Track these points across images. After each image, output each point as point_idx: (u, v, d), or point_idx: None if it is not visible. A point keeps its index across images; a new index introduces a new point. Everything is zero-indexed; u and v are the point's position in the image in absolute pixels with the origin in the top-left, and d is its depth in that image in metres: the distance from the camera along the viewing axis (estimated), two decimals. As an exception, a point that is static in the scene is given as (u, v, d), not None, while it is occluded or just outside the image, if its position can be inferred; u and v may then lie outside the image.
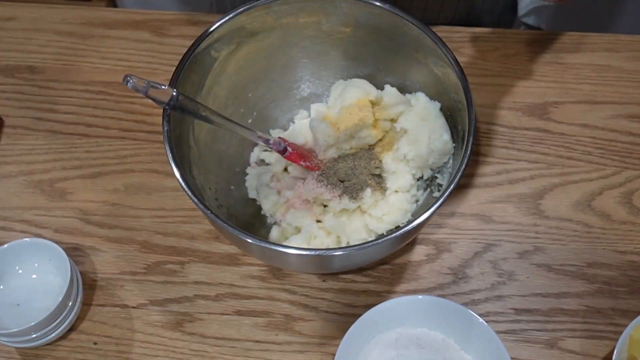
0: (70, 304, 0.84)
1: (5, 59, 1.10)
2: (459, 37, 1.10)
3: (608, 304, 0.90)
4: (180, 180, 0.77)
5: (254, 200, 0.93)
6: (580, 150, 1.01)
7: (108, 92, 1.06)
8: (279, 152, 0.88)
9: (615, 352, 0.79)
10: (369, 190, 0.89)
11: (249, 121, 0.96)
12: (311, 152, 0.92)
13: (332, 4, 0.87)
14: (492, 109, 1.04)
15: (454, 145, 0.87)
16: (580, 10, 1.63)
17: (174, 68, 0.82)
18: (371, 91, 0.92)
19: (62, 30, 1.12)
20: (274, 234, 0.90)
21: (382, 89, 0.93)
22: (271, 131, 0.98)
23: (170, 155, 0.78)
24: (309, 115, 0.96)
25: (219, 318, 0.89)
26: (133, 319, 0.89)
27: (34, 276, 0.88)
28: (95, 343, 0.88)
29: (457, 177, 0.77)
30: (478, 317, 0.82)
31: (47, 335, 0.84)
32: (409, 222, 0.76)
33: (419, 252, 0.94)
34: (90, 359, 0.87)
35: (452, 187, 0.76)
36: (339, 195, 0.89)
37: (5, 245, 0.86)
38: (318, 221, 0.88)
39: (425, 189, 0.91)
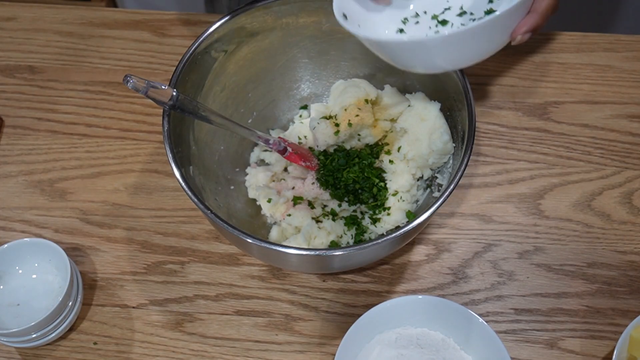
0: (70, 304, 0.84)
1: (5, 59, 1.10)
2: (459, 37, 1.10)
3: (608, 304, 0.90)
4: (180, 180, 0.77)
5: (254, 200, 0.93)
6: (580, 150, 1.01)
7: (108, 92, 1.07)
8: (279, 152, 0.88)
9: (615, 352, 0.79)
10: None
11: (249, 121, 0.96)
12: (311, 152, 0.92)
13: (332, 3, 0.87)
14: (492, 109, 1.04)
15: (454, 145, 0.87)
16: (580, 10, 1.63)
17: (174, 68, 0.82)
18: (371, 91, 0.92)
19: (62, 30, 1.12)
20: (274, 234, 0.90)
21: (382, 89, 0.93)
22: (271, 131, 0.98)
23: (170, 155, 0.78)
24: (309, 115, 0.96)
25: (219, 318, 0.89)
26: (133, 319, 0.89)
27: (34, 276, 0.88)
28: (95, 343, 0.88)
29: (457, 177, 0.77)
30: (478, 317, 0.82)
31: (47, 335, 0.84)
32: (409, 222, 0.76)
33: (419, 252, 0.94)
34: (90, 359, 0.87)
35: (452, 187, 0.76)
36: (339, 195, 0.89)
37: (5, 245, 0.86)
38: (318, 221, 0.89)
39: (425, 189, 0.91)
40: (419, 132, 0.88)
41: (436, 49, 0.70)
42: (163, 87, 0.73)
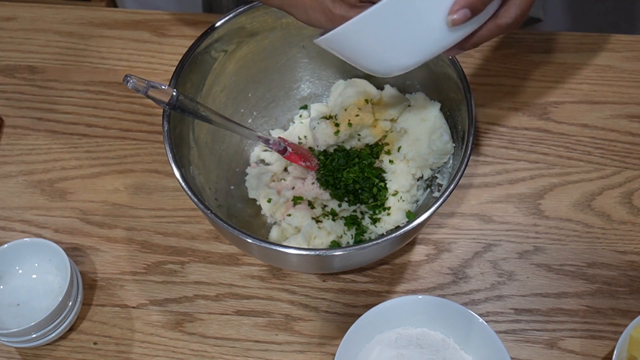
0: (70, 304, 0.84)
1: (5, 59, 1.10)
2: (459, 37, 1.10)
3: (608, 304, 0.90)
4: (180, 180, 0.77)
5: (254, 200, 0.93)
6: (580, 150, 1.01)
7: (108, 92, 1.07)
8: (279, 152, 0.88)
9: (615, 352, 0.79)
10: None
11: (249, 121, 0.96)
12: (311, 152, 0.92)
13: (332, 4, 0.87)
14: (492, 109, 1.04)
15: (454, 145, 0.87)
16: (583, 10, 1.63)
17: (174, 68, 0.82)
18: (371, 91, 0.92)
19: (62, 30, 1.12)
20: (274, 234, 0.90)
21: (382, 89, 0.93)
22: (271, 131, 0.98)
23: (170, 155, 0.78)
24: (309, 115, 0.96)
25: (219, 318, 0.89)
26: (133, 319, 0.89)
27: (34, 276, 0.88)
28: (95, 343, 0.88)
29: (457, 177, 0.77)
30: (478, 317, 0.82)
31: (47, 335, 0.84)
32: (409, 222, 0.77)
33: (419, 252, 0.94)
34: (90, 359, 0.87)
35: (452, 187, 0.76)
36: (339, 195, 0.89)
37: (5, 245, 0.86)
38: (318, 221, 0.89)
39: (425, 189, 0.91)
40: (419, 132, 0.88)
41: (367, 31, 0.66)
42: (163, 87, 0.73)
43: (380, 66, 0.71)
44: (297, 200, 0.90)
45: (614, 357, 0.79)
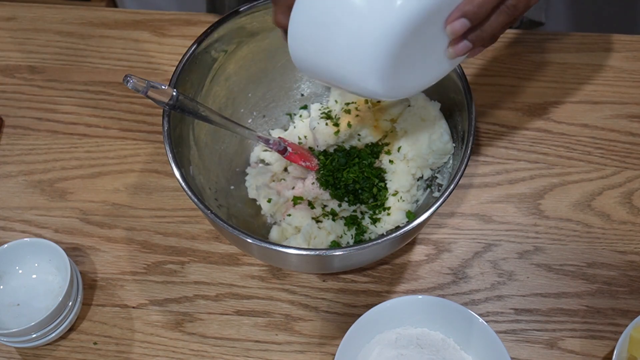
0: (70, 304, 0.84)
1: (5, 59, 1.10)
2: (459, 37, 1.10)
3: (608, 304, 0.90)
4: (180, 180, 0.77)
5: (254, 200, 0.93)
6: (580, 150, 1.01)
7: (108, 92, 1.07)
8: (279, 152, 0.88)
9: (615, 352, 0.79)
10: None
11: (249, 121, 0.96)
12: (311, 152, 0.92)
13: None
14: (492, 109, 1.04)
15: (454, 145, 0.87)
16: (585, 13, 1.63)
17: (174, 68, 0.82)
18: (371, 91, 0.92)
19: (62, 30, 1.12)
20: (274, 234, 0.90)
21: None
22: (271, 131, 0.98)
23: (170, 155, 0.78)
24: (309, 115, 0.96)
25: (219, 318, 0.89)
26: (133, 319, 0.89)
27: (34, 276, 0.88)
28: (95, 343, 0.88)
29: (457, 177, 0.77)
30: (478, 317, 0.82)
31: (47, 335, 0.84)
32: (409, 222, 0.77)
33: (419, 252, 0.94)
34: (90, 359, 0.87)
35: (452, 187, 0.76)
36: (339, 195, 0.89)
37: (5, 245, 0.86)
38: (318, 221, 0.89)
39: (425, 189, 0.91)
40: (419, 132, 0.88)
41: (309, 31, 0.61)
42: (163, 87, 0.73)
43: (360, 72, 0.61)
44: (297, 200, 0.90)
45: (614, 357, 0.79)
